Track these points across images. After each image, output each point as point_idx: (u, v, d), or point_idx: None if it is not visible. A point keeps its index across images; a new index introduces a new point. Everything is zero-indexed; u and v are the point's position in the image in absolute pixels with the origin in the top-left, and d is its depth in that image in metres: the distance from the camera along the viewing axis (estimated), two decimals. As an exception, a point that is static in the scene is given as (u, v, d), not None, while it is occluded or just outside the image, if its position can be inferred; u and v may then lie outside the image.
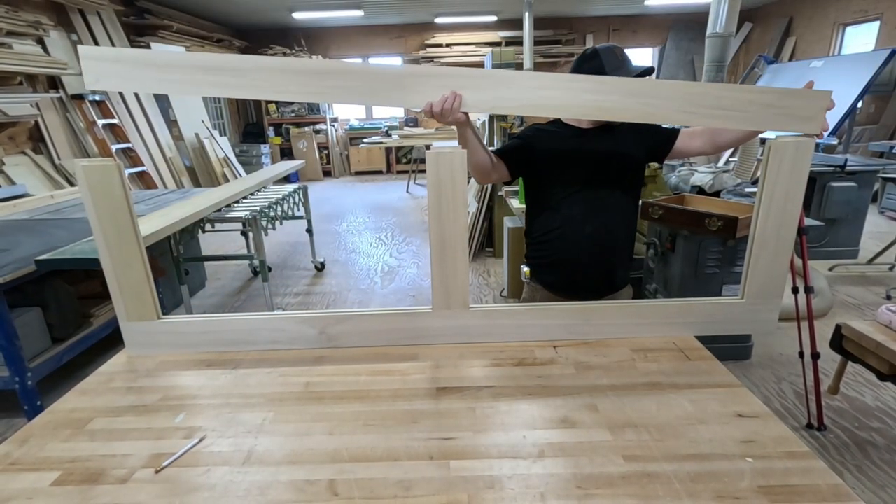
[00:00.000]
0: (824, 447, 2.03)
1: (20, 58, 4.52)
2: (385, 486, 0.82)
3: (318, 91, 1.12)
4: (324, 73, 1.12)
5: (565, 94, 1.11)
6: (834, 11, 7.40)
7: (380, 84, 1.12)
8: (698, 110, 1.10)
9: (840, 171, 3.93)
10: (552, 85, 1.10)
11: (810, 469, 0.83)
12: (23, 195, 4.05)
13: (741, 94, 1.09)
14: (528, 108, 1.13)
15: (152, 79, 1.10)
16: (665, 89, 1.10)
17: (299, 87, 1.11)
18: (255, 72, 1.10)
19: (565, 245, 1.50)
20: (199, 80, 1.10)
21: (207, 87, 1.11)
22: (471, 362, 1.19)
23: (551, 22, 9.57)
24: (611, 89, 1.10)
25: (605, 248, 1.49)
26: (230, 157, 7.72)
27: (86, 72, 1.09)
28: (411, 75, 1.13)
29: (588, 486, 0.80)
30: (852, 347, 1.67)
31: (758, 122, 1.11)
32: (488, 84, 1.12)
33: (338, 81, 1.11)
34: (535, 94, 1.11)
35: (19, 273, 2.04)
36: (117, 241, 1.16)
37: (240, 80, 1.10)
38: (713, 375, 1.11)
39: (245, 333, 1.26)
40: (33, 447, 0.94)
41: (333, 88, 1.12)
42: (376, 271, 4.36)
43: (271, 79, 1.10)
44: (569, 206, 1.47)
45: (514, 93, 1.11)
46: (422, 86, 1.12)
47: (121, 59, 1.10)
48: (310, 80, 1.11)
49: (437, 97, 1.12)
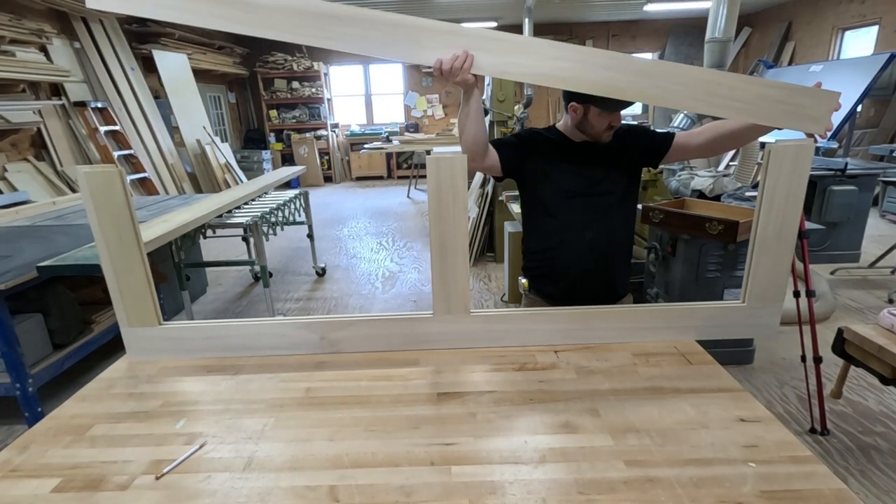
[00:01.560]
0: (827, 452, 2.02)
1: (23, 65, 4.55)
2: (386, 491, 0.81)
3: (330, 36, 1.07)
4: (343, 19, 1.06)
5: (580, 68, 1.08)
6: (833, 16, 7.43)
7: (394, 36, 1.08)
8: (709, 99, 1.08)
9: (840, 175, 3.92)
10: (567, 56, 1.07)
11: (814, 474, 0.82)
12: (25, 202, 4.07)
13: (752, 87, 1.07)
14: (540, 78, 1.10)
15: (153, 2, 1.06)
16: (679, 74, 1.07)
17: (313, 29, 1.06)
18: (267, 9, 1.05)
19: (564, 256, 1.48)
20: (201, 9, 1.05)
21: (210, 18, 1.06)
22: (472, 367, 1.19)
23: (551, 28, 9.62)
24: (626, 68, 1.07)
25: (605, 257, 1.47)
26: (231, 163, 7.75)
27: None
28: (428, 30, 1.10)
29: (590, 492, 0.80)
30: (855, 351, 1.66)
31: (766, 116, 1.09)
32: (503, 48, 1.09)
33: (354, 29, 1.07)
34: (548, 63, 1.08)
35: (21, 279, 2.04)
36: (118, 248, 1.16)
37: (249, 16, 1.05)
38: (715, 380, 1.11)
39: (246, 339, 1.26)
40: (34, 454, 0.93)
41: (347, 36, 1.07)
42: (377, 276, 4.36)
43: (284, 18, 1.05)
44: (566, 214, 1.45)
45: (528, 59, 1.08)
46: (436, 42, 1.09)
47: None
48: (326, 23, 1.06)
49: (449, 55, 1.09)
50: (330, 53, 10.03)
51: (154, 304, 1.23)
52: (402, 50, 1.10)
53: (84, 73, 5.62)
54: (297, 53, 9.65)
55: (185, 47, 7.32)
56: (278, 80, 9.67)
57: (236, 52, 9.33)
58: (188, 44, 7.48)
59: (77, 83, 5.42)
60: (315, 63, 9.63)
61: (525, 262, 1.62)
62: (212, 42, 8.34)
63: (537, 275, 1.57)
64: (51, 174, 4.88)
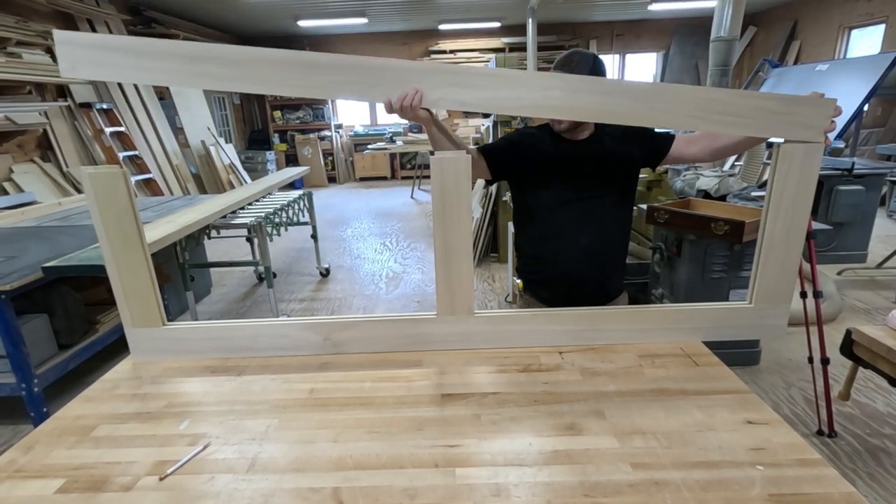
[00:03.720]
0: (835, 454, 2.00)
1: (29, 67, 4.58)
2: (390, 493, 0.81)
3: (314, 86, 1.07)
4: (323, 67, 1.06)
5: (572, 96, 1.09)
6: (839, 15, 7.38)
7: (380, 78, 1.08)
8: (705, 115, 1.08)
9: (847, 175, 3.89)
10: (559, 86, 1.08)
11: (822, 477, 0.81)
12: (31, 203, 4.09)
13: (748, 101, 1.08)
14: (533, 109, 1.11)
15: (130, 67, 1.05)
16: (672, 94, 1.08)
17: (299, 79, 1.06)
18: (245, 63, 1.05)
19: (559, 262, 1.46)
20: (181, 69, 1.05)
21: (190, 77, 1.06)
22: (476, 368, 1.19)
23: (555, 27, 9.60)
24: (618, 92, 1.08)
25: (599, 259, 1.45)
26: (236, 164, 7.77)
27: (61, 58, 1.04)
28: (419, 71, 1.10)
29: (595, 495, 0.79)
30: (863, 353, 1.64)
31: (765, 129, 1.09)
32: (494, 83, 1.09)
33: (335, 76, 1.07)
34: (540, 94, 1.09)
35: (26, 280, 2.05)
36: (123, 248, 1.16)
37: (228, 71, 1.05)
38: (722, 381, 1.10)
39: (250, 340, 1.26)
40: (38, 454, 0.94)
41: (330, 84, 1.07)
42: (381, 277, 4.36)
43: (260, 71, 1.05)
44: (559, 220, 1.43)
45: (520, 92, 1.09)
46: (427, 81, 1.09)
47: (96, 45, 1.04)
48: (307, 73, 1.06)
49: (396, 94, 1.08)
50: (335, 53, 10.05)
51: (158, 305, 1.23)
52: (385, 91, 1.09)
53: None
54: (301, 54, 9.67)
55: (189, 49, 7.34)
56: (282, 81, 9.69)
57: (240, 54, 9.35)
58: (193, 45, 7.51)
59: (82, 85, 5.45)
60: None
61: (519, 264, 1.60)
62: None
63: (532, 279, 1.56)
64: (57, 175, 4.90)
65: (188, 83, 1.08)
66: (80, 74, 1.07)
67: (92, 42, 1.06)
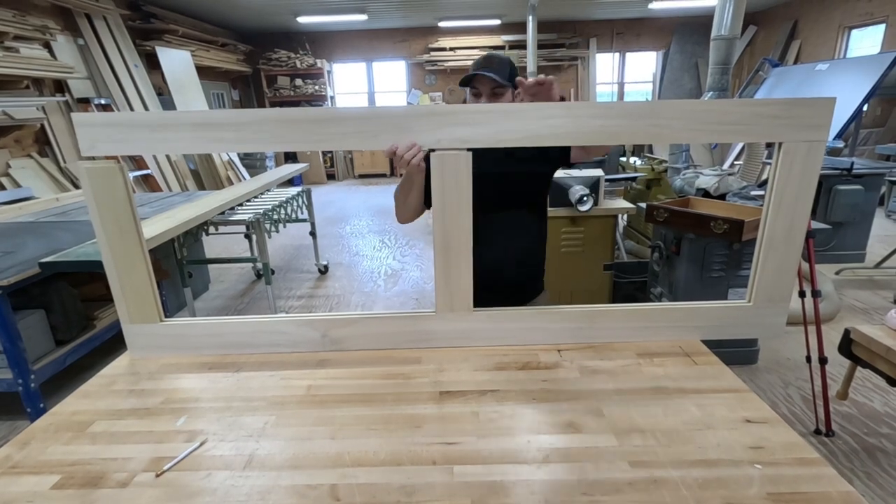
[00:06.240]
0: (833, 453, 2.00)
1: (27, 62, 4.56)
2: (388, 491, 0.81)
3: (320, 139, 1.10)
4: (325, 121, 1.09)
5: (572, 122, 1.09)
6: (839, 14, 7.38)
7: (382, 126, 1.11)
8: (705, 127, 1.09)
9: (847, 174, 3.90)
10: (557, 114, 1.09)
11: (821, 476, 0.81)
12: (28, 198, 4.08)
13: (746, 108, 1.08)
14: (535, 139, 1.11)
15: (147, 139, 1.09)
16: (669, 109, 1.09)
17: (303, 135, 1.10)
18: (252, 124, 1.09)
19: (479, 271, 1.35)
20: (195, 137, 1.09)
21: (206, 143, 1.10)
22: (474, 366, 1.18)
23: (555, 25, 9.59)
24: (617, 113, 1.09)
25: (517, 266, 1.51)
26: (234, 160, 7.75)
27: (81, 139, 1.09)
28: (415, 116, 1.11)
29: (594, 493, 0.79)
30: (862, 352, 1.64)
31: (768, 134, 1.09)
32: (493, 118, 1.10)
33: (338, 128, 1.09)
34: (540, 123, 1.09)
35: (23, 275, 2.04)
36: (120, 244, 1.16)
37: (237, 134, 1.09)
38: (720, 380, 1.09)
39: (248, 336, 1.26)
40: (34, 450, 0.93)
41: (335, 136, 1.10)
42: (379, 274, 4.35)
43: (267, 130, 1.09)
44: (476, 230, 1.34)
45: (520, 124, 1.09)
46: (423, 125, 1.11)
47: (112, 123, 1.09)
48: (312, 128, 1.09)
49: (404, 144, 1.11)
50: (333, 51, 10.03)
51: (155, 301, 1.22)
52: (388, 139, 1.12)
53: (88, 69, 5.63)
54: (300, 51, 9.66)
55: (188, 44, 7.32)
56: (281, 77, 9.67)
57: (240, 50, 9.33)
58: (192, 41, 7.48)
59: (81, 80, 5.43)
60: (318, 60, 9.63)
61: None
62: (215, 39, 8.34)
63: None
64: (54, 170, 4.89)
65: (205, 149, 1.12)
66: (100, 152, 1.10)
67: (108, 121, 1.10)
